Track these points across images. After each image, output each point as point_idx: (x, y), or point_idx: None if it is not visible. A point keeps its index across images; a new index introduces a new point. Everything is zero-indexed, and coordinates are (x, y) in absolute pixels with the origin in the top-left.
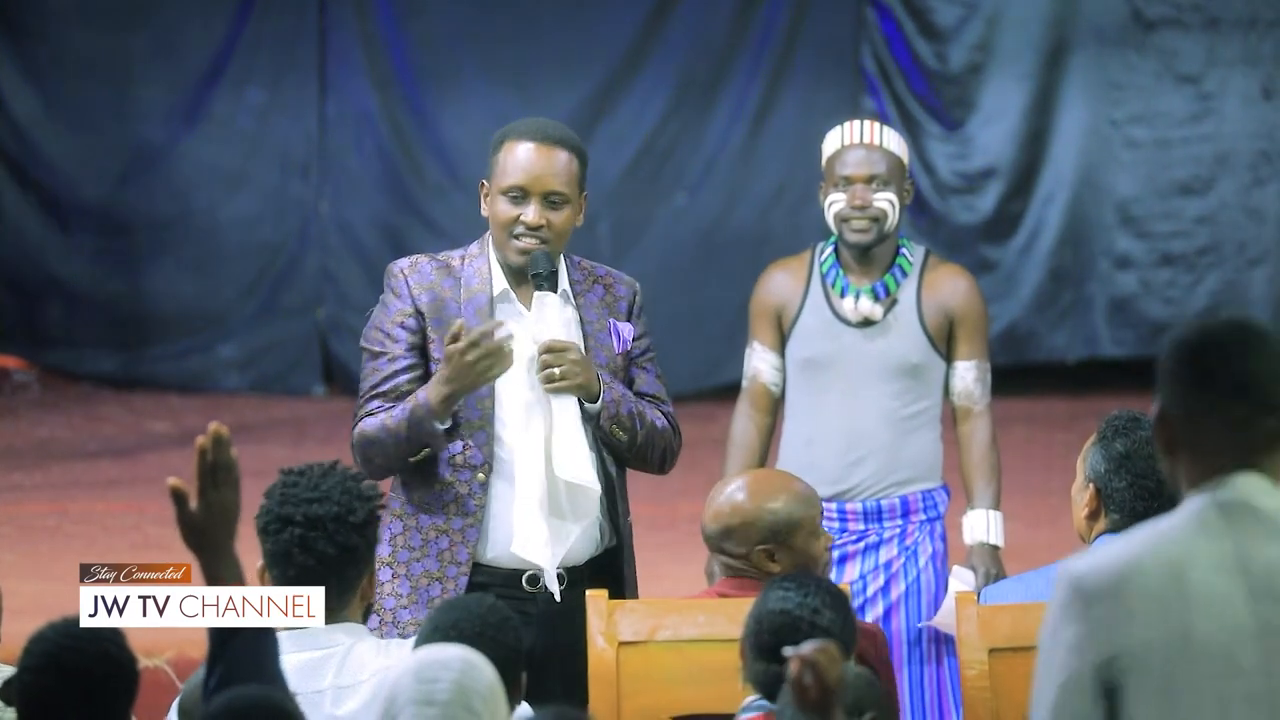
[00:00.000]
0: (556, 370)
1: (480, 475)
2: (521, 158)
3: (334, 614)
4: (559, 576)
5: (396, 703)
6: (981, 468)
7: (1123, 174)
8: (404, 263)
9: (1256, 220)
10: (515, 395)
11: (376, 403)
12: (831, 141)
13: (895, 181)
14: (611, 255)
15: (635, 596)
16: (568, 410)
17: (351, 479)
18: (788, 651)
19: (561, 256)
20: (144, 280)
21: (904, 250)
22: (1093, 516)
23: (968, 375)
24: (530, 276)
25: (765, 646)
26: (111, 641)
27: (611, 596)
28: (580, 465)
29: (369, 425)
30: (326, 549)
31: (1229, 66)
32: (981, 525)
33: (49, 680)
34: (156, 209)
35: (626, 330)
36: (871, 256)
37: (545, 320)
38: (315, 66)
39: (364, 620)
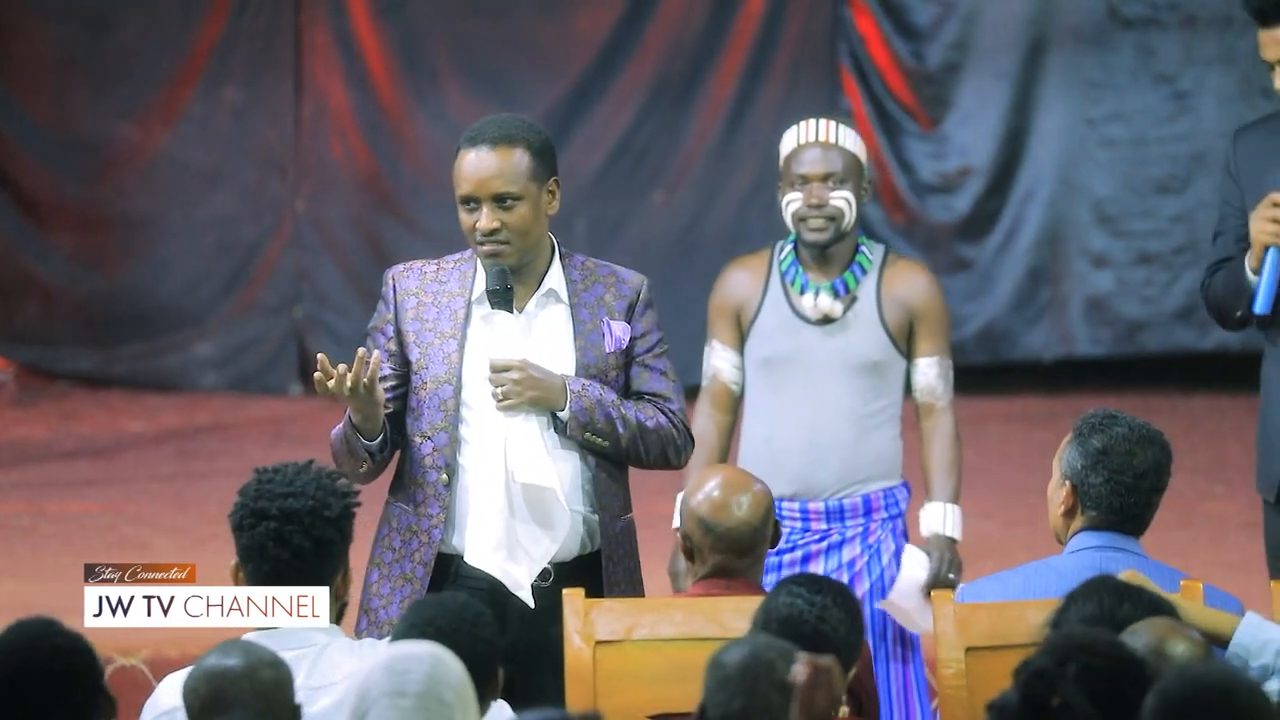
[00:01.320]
0: (498, 391)
1: (444, 477)
2: (465, 166)
3: None
4: (545, 573)
5: (368, 697)
6: (942, 462)
7: (1099, 173)
8: (398, 268)
9: None
10: (478, 399)
11: None
12: (788, 141)
13: (852, 180)
14: (588, 254)
15: (635, 594)
16: (525, 417)
17: (327, 476)
18: (800, 658)
19: (558, 256)
20: (121, 279)
21: (863, 248)
22: (1069, 514)
23: (930, 371)
24: (487, 293)
25: None
26: (56, 634)
27: (594, 595)
28: (536, 466)
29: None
30: (302, 542)
31: (1205, 65)
32: (938, 518)
33: (16, 695)
34: (133, 207)
35: (620, 329)
36: (830, 255)
37: (495, 338)
38: (292, 65)
39: (339, 620)
